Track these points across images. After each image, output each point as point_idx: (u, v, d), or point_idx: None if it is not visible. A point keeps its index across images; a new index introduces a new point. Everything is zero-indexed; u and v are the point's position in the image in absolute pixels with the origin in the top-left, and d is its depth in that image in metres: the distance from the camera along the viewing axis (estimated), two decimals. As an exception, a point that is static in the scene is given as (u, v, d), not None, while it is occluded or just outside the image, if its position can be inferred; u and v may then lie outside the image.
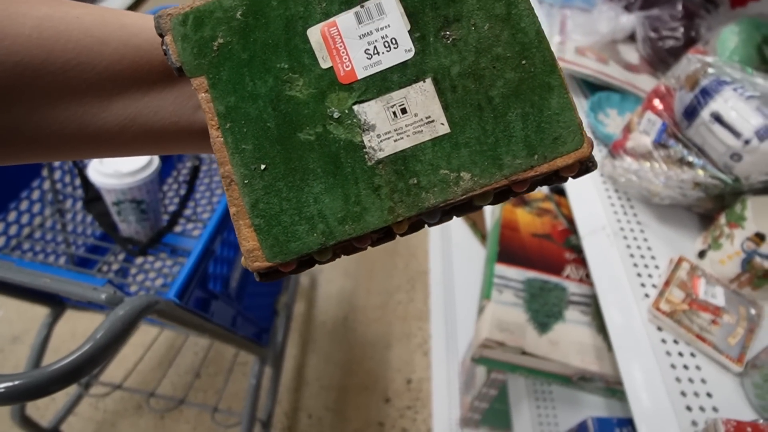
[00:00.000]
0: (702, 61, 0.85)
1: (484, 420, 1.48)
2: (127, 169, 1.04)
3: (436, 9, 0.31)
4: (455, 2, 0.31)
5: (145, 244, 1.15)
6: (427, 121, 0.32)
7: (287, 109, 0.32)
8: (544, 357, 1.07)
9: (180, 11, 0.32)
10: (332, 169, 0.32)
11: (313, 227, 0.32)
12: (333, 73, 0.32)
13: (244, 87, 0.32)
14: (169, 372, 1.74)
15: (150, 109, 0.34)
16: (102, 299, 0.73)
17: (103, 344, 0.66)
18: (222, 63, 0.32)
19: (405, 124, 0.32)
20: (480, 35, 0.31)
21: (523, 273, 1.19)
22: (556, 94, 0.31)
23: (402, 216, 0.32)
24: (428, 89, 0.32)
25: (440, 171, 0.32)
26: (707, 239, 0.87)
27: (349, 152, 0.32)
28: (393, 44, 0.32)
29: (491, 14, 0.31)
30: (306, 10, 0.32)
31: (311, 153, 0.32)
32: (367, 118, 0.32)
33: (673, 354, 0.74)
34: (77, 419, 1.63)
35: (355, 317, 1.96)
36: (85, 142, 0.34)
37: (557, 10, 1.28)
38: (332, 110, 0.32)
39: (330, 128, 0.32)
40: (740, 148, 0.78)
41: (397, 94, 0.32)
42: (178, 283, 0.84)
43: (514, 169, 0.32)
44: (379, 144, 0.32)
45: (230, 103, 0.32)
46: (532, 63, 0.32)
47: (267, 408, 1.54)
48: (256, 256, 0.32)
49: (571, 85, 1.19)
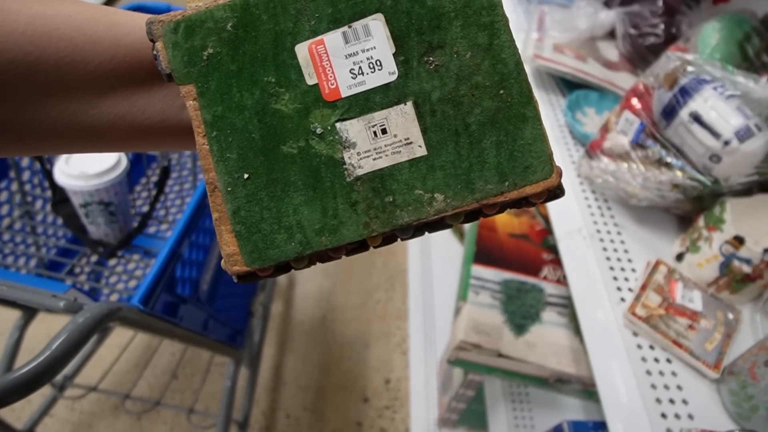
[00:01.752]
0: (681, 58, 0.83)
1: (461, 420, 1.47)
2: (94, 171, 1.01)
3: (421, 34, 0.32)
4: (440, 29, 0.32)
5: (114, 246, 1.12)
6: (406, 142, 0.33)
7: (272, 122, 0.33)
8: (521, 359, 1.06)
9: (172, 18, 0.32)
10: (312, 182, 0.33)
11: (292, 237, 0.33)
12: (318, 89, 0.33)
13: (232, 98, 0.33)
14: (145, 373, 1.72)
15: (138, 107, 0.35)
16: (60, 308, 0.70)
17: (59, 355, 0.63)
18: (211, 73, 0.33)
19: (384, 144, 0.33)
20: (461, 63, 0.33)
21: (500, 274, 1.18)
22: (530, 125, 0.33)
23: (376, 231, 0.33)
24: (409, 112, 0.33)
25: (415, 191, 0.33)
26: (685, 242, 0.85)
27: (329, 167, 0.33)
28: (377, 66, 0.33)
29: (474, 43, 0.33)
30: (295, 27, 0.32)
31: (293, 166, 0.33)
32: (349, 136, 0.33)
33: (649, 360, 0.72)
34: (53, 421, 1.61)
35: (333, 316, 1.95)
36: (75, 138, 0.35)
37: (535, 6, 1.26)
38: (315, 126, 0.33)
39: (312, 143, 0.33)
40: (719, 150, 0.76)
41: (378, 114, 0.33)
42: (143, 288, 0.82)
43: (486, 194, 0.33)
44: (358, 161, 0.33)
45: (217, 113, 0.33)
46: (510, 93, 0.33)
47: (244, 409, 1.53)
48: (235, 261, 0.33)
49: (549, 82, 1.17)
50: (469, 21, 0.32)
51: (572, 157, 0.99)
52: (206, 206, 1.03)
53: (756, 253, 0.75)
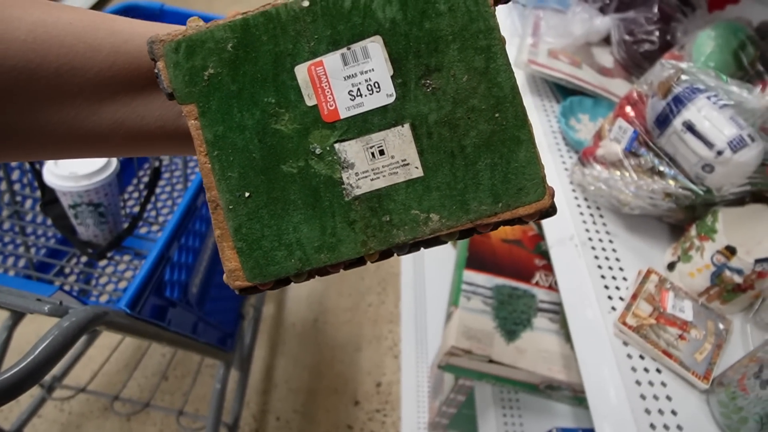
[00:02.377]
0: (676, 67, 0.83)
1: (451, 425, 1.46)
2: (84, 172, 1.00)
3: (418, 57, 0.33)
4: (437, 52, 0.33)
5: (103, 248, 1.11)
6: (403, 163, 0.34)
7: (272, 142, 0.34)
8: (512, 365, 1.05)
9: (173, 38, 0.33)
10: (312, 201, 0.34)
11: (291, 253, 0.34)
12: (317, 110, 0.33)
13: (232, 118, 0.33)
14: (135, 374, 1.71)
15: (138, 113, 0.35)
16: (45, 311, 0.70)
17: (42, 359, 0.62)
18: (212, 93, 0.33)
19: (382, 165, 0.34)
20: (458, 86, 0.33)
21: (492, 279, 1.17)
22: (524, 148, 0.34)
23: (373, 249, 0.35)
24: (406, 134, 0.34)
25: (411, 211, 0.34)
26: (677, 251, 0.85)
27: (328, 187, 0.34)
28: (376, 88, 0.33)
29: (471, 67, 0.33)
30: (294, 48, 0.33)
31: (293, 185, 0.34)
32: (347, 157, 0.34)
33: (639, 370, 0.72)
34: (41, 421, 1.60)
35: (325, 319, 1.94)
36: (76, 143, 0.35)
37: (530, 10, 1.25)
38: (314, 146, 0.34)
39: (311, 163, 0.34)
40: (712, 159, 0.76)
41: (376, 136, 0.34)
42: (130, 292, 0.81)
43: (480, 215, 0.34)
44: (356, 181, 0.34)
45: (218, 132, 0.33)
46: (505, 117, 0.33)
47: (234, 411, 1.52)
48: (237, 276, 0.34)
49: (543, 88, 1.17)
50: (466, 44, 0.33)
51: (565, 163, 0.99)
52: (196, 209, 1.02)
53: (747, 263, 0.74)
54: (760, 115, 0.77)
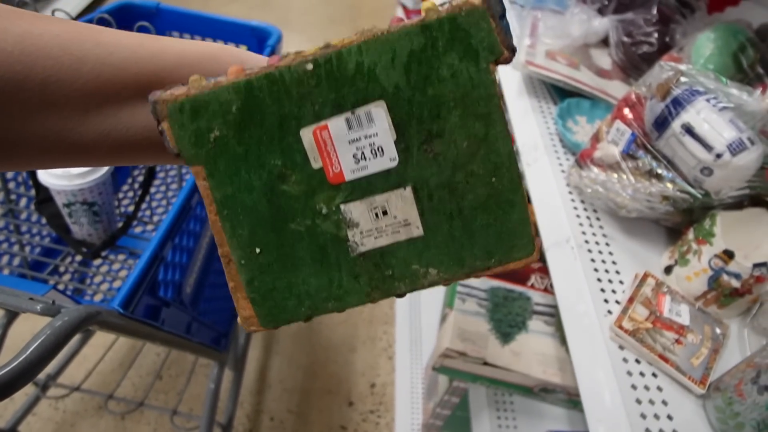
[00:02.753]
0: (675, 69, 0.82)
1: (445, 426, 1.46)
2: (78, 170, 1.00)
3: (421, 123, 0.34)
4: (440, 118, 0.34)
5: (97, 247, 1.10)
6: (405, 223, 0.36)
7: (280, 202, 0.35)
8: (506, 368, 1.05)
9: (176, 98, 0.33)
10: (319, 257, 0.36)
11: (301, 303, 0.37)
12: (323, 173, 0.35)
13: (240, 179, 0.34)
14: (130, 373, 1.70)
15: (124, 123, 0.35)
16: (37, 310, 0.69)
17: (34, 359, 0.61)
18: (219, 155, 0.34)
19: (385, 225, 0.36)
20: (458, 152, 0.35)
21: (487, 282, 1.17)
22: (517, 209, 0.36)
23: (376, 299, 0.37)
24: (408, 196, 0.35)
25: (412, 266, 0.37)
26: (674, 254, 0.84)
27: (334, 244, 0.36)
28: (379, 152, 0.34)
29: (471, 133, 0.34)
30: (299, 111, 0.33)
31: (301, 242, 0.36)
32: (352, 217, 0.35)
33: (635, 374, 0.71)
34: (36, 419, 1.60)
35: (320, 319, 1.93)
36: (61, 154, 0.35)
37: (528, 11, 1.25)
38: (321, 206, 0.35)
39: (318, 222, 0.35)
40: (711, 162, 0.75)
41: (380, 197, 0.35)
42: (123, 291, 0.80)
43: (474, 269, 0.37)
44: (361, 239, 0.36)
45: (227, 193, 0.35)
46: (501, 182, 0.35)
47: (228, 411, 1.52)
48: (252, 323, 0.37)
49: (540, 89, 1.16)
50: (467, 111, 0.34)
51: (562, 166, 0.98)
52: (191, 209, 1.01)
53: (745, 267, 0.74)
54: (760, 118, 0.76)
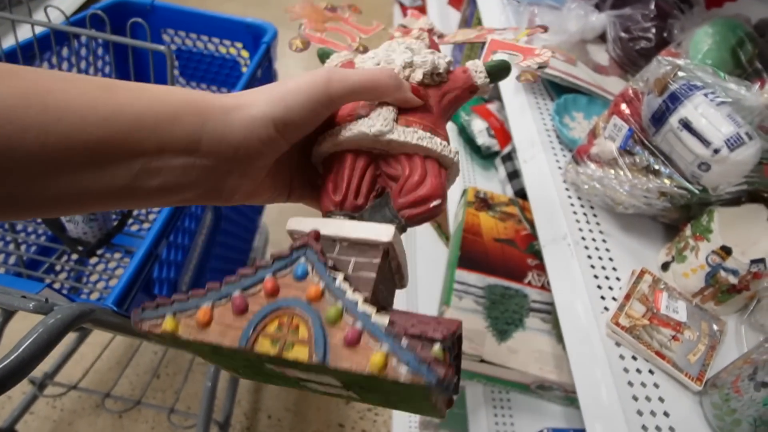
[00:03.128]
0: (672, 63, 0.81)
1: (443, 424, 1.46)
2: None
3: (362, 387, 0.38)
4: (381, 391, 0.39)
5: (93, 245, 1.09)
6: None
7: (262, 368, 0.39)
8: (503, 365, 1.04)
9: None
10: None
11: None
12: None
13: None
14: (127, 371, 1.71)
15: (76, 189, 0.35)
16: (29, 308, 0.68)
17: (26, 357, 0.60)
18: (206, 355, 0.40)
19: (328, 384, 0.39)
20: (389, 395, 0.39)
21: (484, 279, 1.16)
22: (427, 404, 0.38)
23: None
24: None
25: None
26: (671, 251, 0.84)
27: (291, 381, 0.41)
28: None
29: (402, 398, 0.39)
30: (262, 365, 0.38)
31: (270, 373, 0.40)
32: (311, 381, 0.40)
33: (631, 371, 0.71)
34: (34, 418, 1.60)
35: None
36: (13, 215, 0.35)
37: (525, 7, 1.24)
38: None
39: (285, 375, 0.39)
40: (709, 158, 0.74)
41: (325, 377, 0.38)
42: (117, 289, 0.79)
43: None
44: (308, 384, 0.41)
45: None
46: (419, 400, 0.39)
47: (225, 409, 1.52)
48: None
49: (537, 85, 1.16)
50: (406, 400, 0.39)
51: (558, 162, 0.98)
52: (186, 207, 1.00)
53: (743, 264, 0.73)
54: (758, 113, 0.75)
